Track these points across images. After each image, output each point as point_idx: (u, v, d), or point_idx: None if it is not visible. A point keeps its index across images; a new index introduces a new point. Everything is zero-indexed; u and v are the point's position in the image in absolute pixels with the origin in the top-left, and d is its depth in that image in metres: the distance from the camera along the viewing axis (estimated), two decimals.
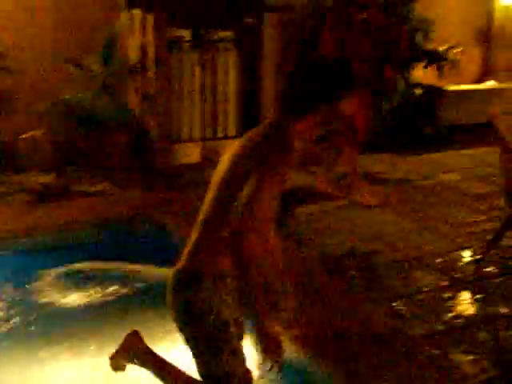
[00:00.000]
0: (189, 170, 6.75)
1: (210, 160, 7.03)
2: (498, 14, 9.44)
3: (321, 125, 2.52)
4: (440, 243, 5.01)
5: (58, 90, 6.63)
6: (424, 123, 8.13)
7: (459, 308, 4.01)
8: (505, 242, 4.76)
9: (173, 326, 2.51)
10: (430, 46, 7.73)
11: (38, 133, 6.69)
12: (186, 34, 6.79)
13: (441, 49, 7.91)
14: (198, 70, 6.86)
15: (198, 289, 2.40)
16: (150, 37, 6.56)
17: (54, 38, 6.81)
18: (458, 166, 7.24)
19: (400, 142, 7.72)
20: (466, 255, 4.82)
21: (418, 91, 8.04)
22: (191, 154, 6.97)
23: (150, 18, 6.54)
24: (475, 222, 5.53)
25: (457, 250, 4.90)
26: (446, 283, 4.30)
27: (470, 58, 8.66)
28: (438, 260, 4.66)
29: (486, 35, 9.49)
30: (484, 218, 5.62)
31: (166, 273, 2.55)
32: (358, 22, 6.39)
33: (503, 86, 8.54)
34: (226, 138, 7.01)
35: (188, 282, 2.42)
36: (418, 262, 4.63)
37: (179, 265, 2.47)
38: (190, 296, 2.41)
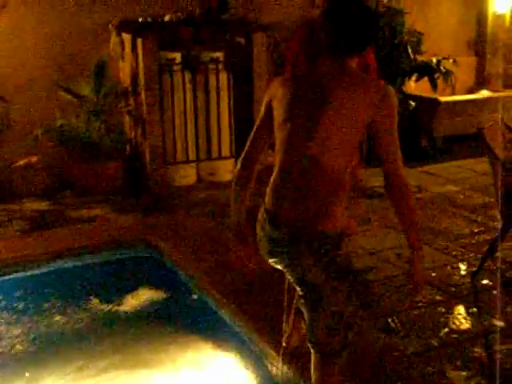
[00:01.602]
0: (184, 192, 6.75)
1: (205, 181, 7.05)
2: (490, 23, 9.44)
3: None
4: (436, 257, 4.98)
5: (51, 117, 6.66)
6: (419, 135, 8.14)
7: (454, 323, 3.99)
8: (501, 253, 4.75)
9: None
10: (422, 58, 7.76)
11: (32, 160, 6.70)
12: (176, 56, 6.79)
13: (434, 60, 7.93)
14: (189, 91, 6.86)
15: (341, 248, 2.69)
16: (140, 61, 6.57)
17: (46, 65, 6.83)
18: (455, 177, 7.22)
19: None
20: (462, 268, 4.81)
21: (413, 103, 8.03)
22: (186, 175, 6.97)
23: (140, 42, 6.55)
24: (472, 233, 5.52)
25: (452, 263, 4.88)
26: (440, 297, 4.28)
27: (462, 68, 8.65)
28: (434, 274, 4.64)
29: (479, 45, 9.50)
30: (481, 229, 5.61)
31: None
32: None
33: (496, 95, 8.53)
34: (220, 158, 7.00)
35: (337, 243, 2.66)
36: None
37: (318, 227, 2.63)
38: (337, 255, 2.67)
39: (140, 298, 4.66)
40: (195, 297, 4.58)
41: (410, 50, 7.54)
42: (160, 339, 4.08)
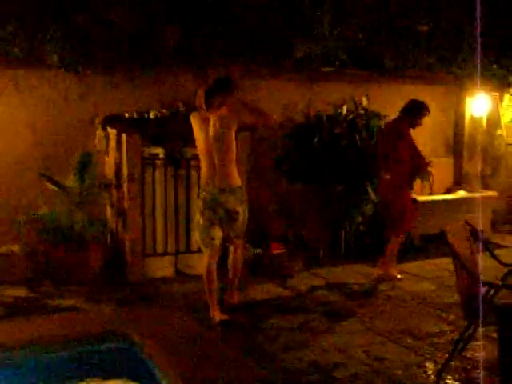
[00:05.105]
0: (162, 284, 6.85)
1: (183, 274, 7.15)
2: (467, 126, 9.77)
3: None
4: (403, 355, 5.05)
5: (34, 206, 6.83)
6: None
7: None
8: (468, 353, 4.85)
9: None
10: None
11: (14, 247, 6.82)
12: (159, 151, 7.01)
13: None
14: (171, 186, 7.05)
15: None
16: (124, 155, 6.79)
17: (32, 155, 7.07)
18: (429, 275, 7.36)
19: (374, 253, 7.86)
20: (428, 367, 4.86)
21: None
22: (165, 267, 7.08)
23: (125, 138, 6.78)
24: (440, 332, 5.59)
25: (419, 362, 4.94)
26: None
27: (440, 168, 8.94)
28: (399, 372, 4.70)
29: (457, 146, 9.81)
30: (451, 328, 5.68)
31: None
32: None
33: (473, 195, 8.77)
34: (199, 251, 7.10)
35: None
36: (378, 374, 4.67)
37: None
38: None
39: None
40: None
41: None
42: None
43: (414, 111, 7.07)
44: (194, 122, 5.85)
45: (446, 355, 4.85)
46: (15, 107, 7.06)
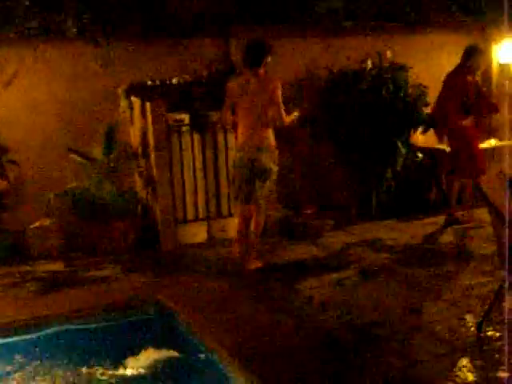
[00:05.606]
0: (196, 250, 6.85)
1: (215, 239, 7.14)
2: (495, 73, 9.56)
3: None
4: (442, 309, 5.00)
5: (63, 180, 6.85)
6: (428, 187, 8.18)
7: (458, 376, 3.98)
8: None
9: None
10: (427, 111, 7.87)
11: (46, 222, 6.85)
12: (185, 117, 6.95)
13: None
14: (198, 151, 7.00)
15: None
16: (149, 123, 6.75)
17: (58, 129, 7.07)
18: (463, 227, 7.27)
19: (405, 208, 7.78)
20: (468, 320, 4.79)
21: (420, 155, 8.12)
22: (197, 233, 7.07)
23: (149, 106, 6.73)
24: (479, 284, 5.52)
25: (458, 315, 4.88)
26: (444, 351, 4.28)
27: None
28: (438, 327, 4.65)
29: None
30: (490, 279, 5.59)
31: None
32: None
33: (503, 143, 8.59)
34: (230, 215, 7.10)
35: None
36: (418, 330, 4.62)
37: None
38: None
39: (149, 358, 4.69)
40: (203, 357, 4.59)
41: (413, 104, 7.67)
42: None
43: (474, 55, 7.31)
44: (232, 85, 6.04)
45: (486, 307, 4.78)
46: (36, 82, 7.03)
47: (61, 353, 4.64)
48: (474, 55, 7.27)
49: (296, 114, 6.25)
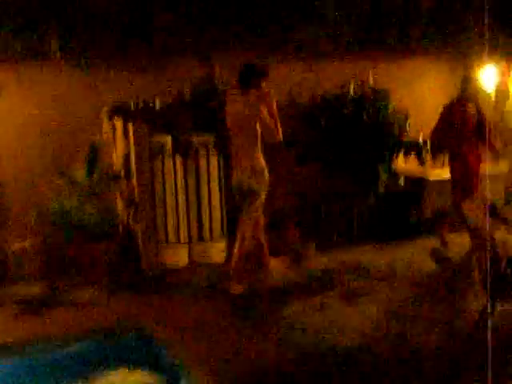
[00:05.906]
0: (176, 273, 6.81)
1: (196, 262, 7.11)
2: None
3: None
4: (426, 332, 5.02)
5: (45, 200, 6.80)
6: (409, 212, 8.21)
7: None
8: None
9: None
10: (409, 135, 7.96)
11: (27, 243, 6.80)
12: (167, 139, 6.93)
13: (420, 139, 8.14)
14: (180, 174, 6.98)
15: None
16: (132, 145, 6.74)
17: (40, 151, 7.05)
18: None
19: (385, 232, 7.82)
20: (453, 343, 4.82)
21: (401, 183, 8.20)
22: (178, 256, 7.04)
23: (132, 128, 6.73)
24: (464, 307, 5.54)
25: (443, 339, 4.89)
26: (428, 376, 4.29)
27: None
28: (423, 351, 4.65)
29: None
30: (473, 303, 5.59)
31: None
32: None
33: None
34: (211, 240, 7.08)
35: None
36: (401, 355, 4.63)
37: None
38: None
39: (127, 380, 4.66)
40: (184, 382, 4.56)
41: (395, 130, 7.75)
42: None
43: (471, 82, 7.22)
44: (229, 100, 6.28)
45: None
46: (20, 102, 7.02)
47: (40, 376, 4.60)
48: (470, 82, 7.17)
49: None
